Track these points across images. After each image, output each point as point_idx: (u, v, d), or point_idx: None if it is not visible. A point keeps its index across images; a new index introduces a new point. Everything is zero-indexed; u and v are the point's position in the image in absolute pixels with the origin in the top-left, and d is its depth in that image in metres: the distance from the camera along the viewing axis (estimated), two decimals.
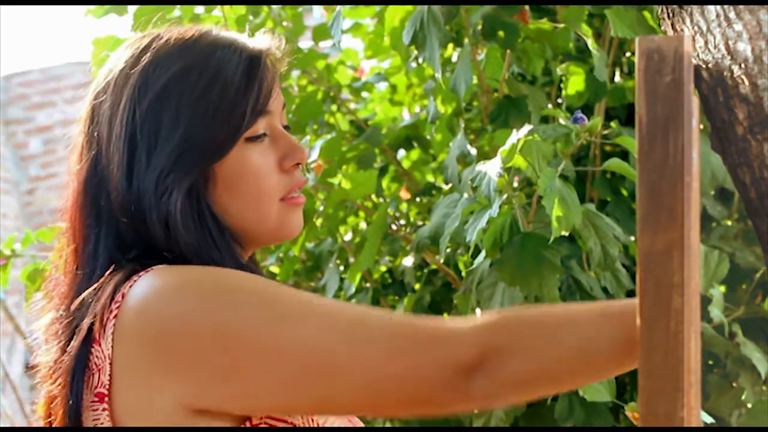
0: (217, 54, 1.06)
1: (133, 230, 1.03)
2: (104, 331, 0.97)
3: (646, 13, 1.71)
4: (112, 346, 0.96)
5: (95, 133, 1.07)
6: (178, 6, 2.04)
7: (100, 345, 0.97)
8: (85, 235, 1.07)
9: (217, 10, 2.02)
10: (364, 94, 2.38)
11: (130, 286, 0.98)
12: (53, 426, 1.02)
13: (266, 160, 1.07)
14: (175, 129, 1.03)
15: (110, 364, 0.96)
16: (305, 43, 2.25)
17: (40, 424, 1.05)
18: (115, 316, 0.97)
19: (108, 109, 1.06)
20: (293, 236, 1.12)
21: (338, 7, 1.87)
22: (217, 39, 1.08)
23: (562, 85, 1.84)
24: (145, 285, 0.97)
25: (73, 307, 1.02)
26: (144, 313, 0.96)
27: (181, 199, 1.02)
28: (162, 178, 1.02)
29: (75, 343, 0.99)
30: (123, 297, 0.97)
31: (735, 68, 0.97)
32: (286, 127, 1.12)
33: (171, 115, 1.03)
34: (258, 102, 1.07)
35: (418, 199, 2.13)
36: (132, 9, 2.03)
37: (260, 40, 1.11)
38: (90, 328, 0.98)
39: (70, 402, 0.98)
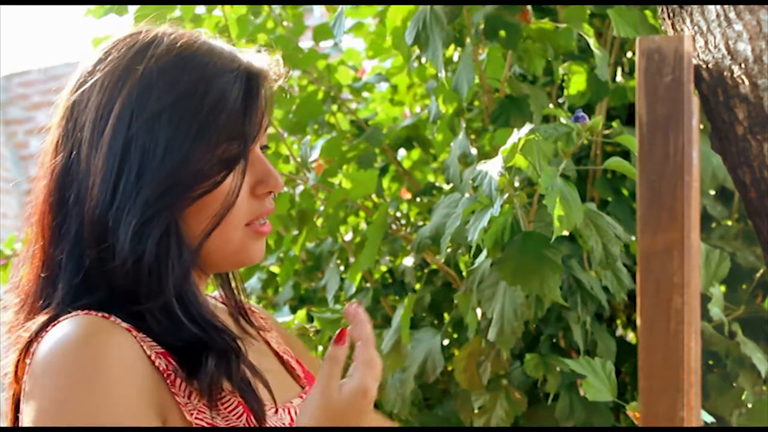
0: (220, 78, 1.03)
1: (95, 241, 1.01)
2: (26, 366, 0.99)
3: (648, 12, 1.71)
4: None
5: (75, 130, 1.04)
6: (179, 6, 2.04)
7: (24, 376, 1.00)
8: (51, 235, 1.05)
9: (218, 10, 2.02)
10: (365, 94, 2.38)
11: (46, 333, 0.99)
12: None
13: (236, 184, 1.04)
14: (171, 152, 1.00)
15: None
16: (306, 43, 2.25)
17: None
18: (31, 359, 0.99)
19: (94, 109, 1.03)
20: (252, 263, 1.10)
21: (340, 7, 1.87)
22: (219, 56, 1.05)
23: (564, 85, 1.84)
24: (47, 345, 0.97)
25: (23, 323, 1.03)
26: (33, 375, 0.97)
27: (160, 233, 1.00)
28: (150, 203, 0.99)
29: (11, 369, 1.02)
30: (38, 343, 0.99)
31: (735, 68, 0.98)
32: (263, 147, 1.10)
33: (169, 136, 1.00)
34: (253, 130, 1.05)
35: (418, 199, 2.13)
36: (132, 9, 2.04)
37: (259, 61, 1.09)
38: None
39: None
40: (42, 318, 1.01)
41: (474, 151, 1.87)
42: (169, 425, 0.98)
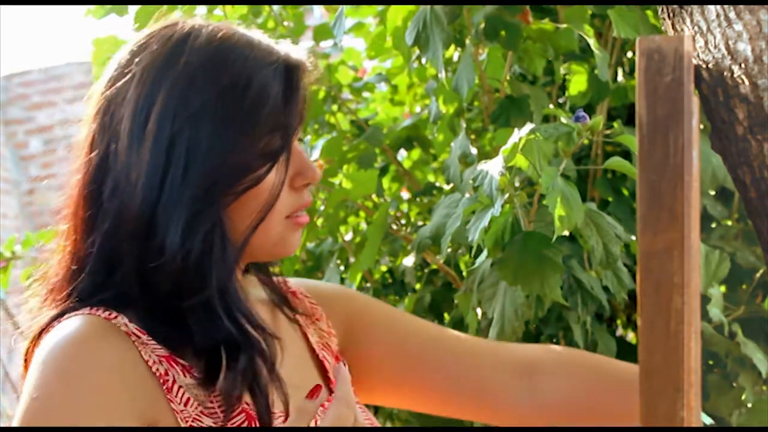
0: (261, 71, 1.02)
1: (137, 237, 1.00)
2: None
3: (649, 12, 1.71)
4: None
5: (112, 124, 1.02)
6: (179, 6, 2.04)
7: None
8: (83, 228, 1.05)
9: (218, 10, 2.02)
10: (365, 94, 2.38)
11: (53, 327, 1.00)
12: None
13: (280, 178, 1.04)
14: (216, 147, 0.99)
15: None
16: (306, 43, 2.25)
17: None
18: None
19: (133, 102, 1.01)
20: (289, 254, 1.10)
21: (341, 7, 1.87)
22: (258, 49, 1.04)
23: (566, 84, 1.84)
24: (45, 342, 0.99)
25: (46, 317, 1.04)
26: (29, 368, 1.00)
27: (207, 229, 0.99)
28: (197, 199, 0.99)
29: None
30: (45, 335, 1.00)
31: (735, 68, 0.98)
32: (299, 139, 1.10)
33: (213, 131, 1.00)
34: (294, 122, 1.04)
35: (418, 199, 2.13)
36: (132, 9, 2.03)
37: (296, 52, 1.08)
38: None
39: None
40: (53, 312, 1.02)
41: (474, 151, 1.87)
42: None
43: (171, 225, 0.98)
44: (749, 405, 1.71)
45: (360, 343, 1.26)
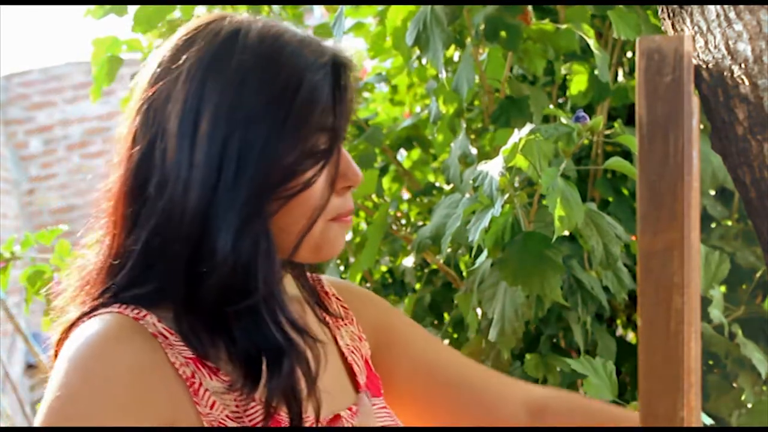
0: (312, 71, 1.00)
1: (187, 238, 0.98)
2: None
3: (649, 12, 1.71)
4: None
5: (157, 120, 1.00)
6: (179, 6, 2.04)
7: None
8: (125, 224, 1.02)
9: (218, 10, 2.02)
10: (366, 94, 2.38)
11: (82, 323, 0.99)
12: None
13: (328, 180, 1.02)
14: (267, 149, 0.97)
15: None
16: None
17: None
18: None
19: (181, 99, 0.98)
20: (333, 256, 1.07)
21: (340, 7, 1.87)
22: (308, 48, 1.02)
23: (566, 84, 1.84)
24: (72, 339, 0.97)
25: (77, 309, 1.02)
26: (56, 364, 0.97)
27: (258, 233, 0.98)
28: (249, 202, 0.97)
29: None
30: (74, 330, 0.98)
31: (735, 68, 0.98)
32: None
33: (265, 133, 0.97)
34: (343, 124, 1.03)
35: (418, 199, 2.13)
36: (132, 9, 2.04)
37: (343, 51, 1.05)
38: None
39: None
40: (84, 307, 1.01)
41: (474, 151, 1.87)
42: None
43: (222, 228, 0.96)
44: (749, 405, 1.71)
45: (388, 354, 1.24)
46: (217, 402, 0.98)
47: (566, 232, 1.37)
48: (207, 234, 0.97)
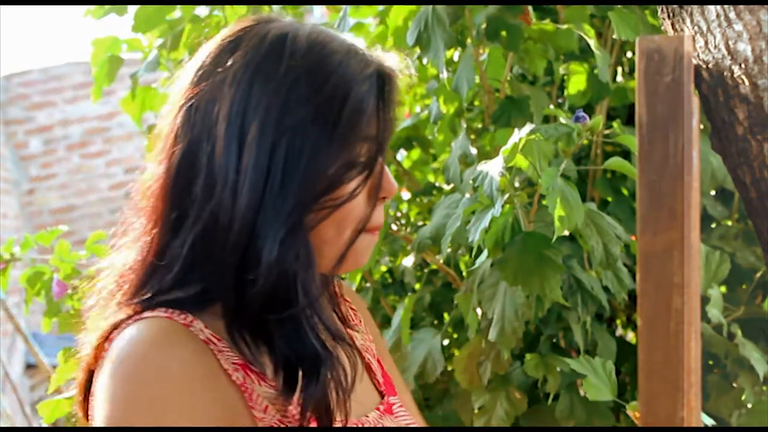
0: (359, 81, 0.99)
1: (234, 244, 0.97)
2: (103, 352, 0.98)
3: (647, 12, 1.71)
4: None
5: (203, 121, 0.98)
6: (179, 6, 2.04)
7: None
8: (168, 225, 1.00)
9: (218, 10, 2.02)
10: None
11: (127, 325, 0.97)
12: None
13: (368, 190, 1.02)
14: (314, 159, 0.96)
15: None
16: None
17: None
18: (104, 356, 0.97)
19: (228, 103, 0.97)
20: (360, 267, 1.06)
21: (344, 7, 1.87)
22: (355, 56, 1.01)
23: (565, 84, 1.84)
24: (122, 343, 0.95)
25: (115, 308, 1.01)
26: (104, 370, 0.95)
27: (301, 242, 0.97)
28: (294, 211, 0.96)
29: (87, 360, 1.00)
30: (119, 333, 0.97)
31: (735, 68, 0.98)
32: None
33: (312, 143, 0.96)
34: (386, 136, 1.02)
35: (418, 199, 2.13)
36: (132, 9, 2.04)
37: (389, 60, 1.05)
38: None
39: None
40: (127, 310, 0.99)
41: (474, 151, 1.87)
42: None
43: (269, 237, 0.96)
44: (749, 405, 1.71)
45: None
46: (269, 406, 0.98)
47: (566, 232, 1.37)
48: (253, 241, 0.96)
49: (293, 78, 0.97)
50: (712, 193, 1.93)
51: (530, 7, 1.74)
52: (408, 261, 2.00)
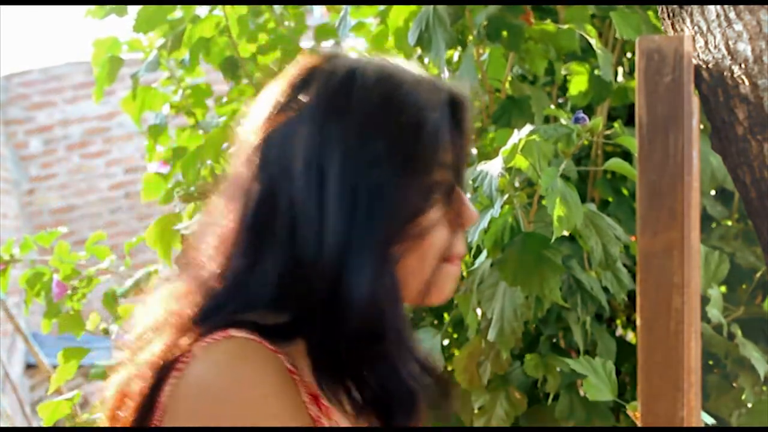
0: (432, 111, 0.98)
1: (322, 278, 0.95)
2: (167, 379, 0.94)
3: (650, 13, 1.71)
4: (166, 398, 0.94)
5: (280, 159, 0.98)
6: (179, 6, 2.05)
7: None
8: (244, 257, 0.99)
9: (218, 10, 2.02)
10: None
11: (203, 345, 0.93)
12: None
13: (440, 218, 1.00)
14: (395, 192, 0.96)
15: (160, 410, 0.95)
16: (306, 43, 2.26)
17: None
18: (180, 370, 0.93)
19: (304, 140, 0.97)
20: (441, 301, 1.05)
21: (345, 7, 1.88)
22: (425, 87, 1.01)
23: (567, 85, 1.84)
24: (211, 363, 0.92)
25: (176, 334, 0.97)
26: (188, 397, 0.92)
27: (390, 275, 0.96)
28: (381, 244, 0.95)
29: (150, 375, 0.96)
30: (190, 355, 0.93)
31: (735, 68, 0.98)
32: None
33: (393, 176, 0.96)
34: (463, 163, 1.02)
35: None
36: (132, 10, 2.04)
37: (458, 89, 1.04)
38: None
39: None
40: (201, 329, 0.96)
41: (474, 151, 1.87)
42: None
43: (358, 272, 0.95)
44: (749, 405, 1.72)
45: None
46: None
47: (566, 233, 1.37)
48: (341, 277, 0.95)
49: (367, 111, 0.98)
50: (712, 193, 1.93)
51: (531, 7, 1.74)
52: None
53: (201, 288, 0.99)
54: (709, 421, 1.35)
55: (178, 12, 2.06)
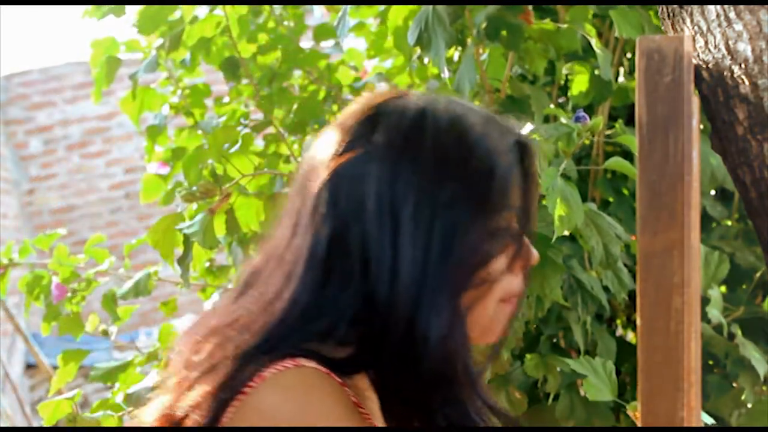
0: (502, 154, 0.98)
1: (396, 319, 0.95)
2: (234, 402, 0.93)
3: (651, 13, 1.71)
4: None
5: (350, 199, 0.97)
6: (179, 6, 2.04)
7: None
8: (315, 294, 0.98)
9: (219, 10, 2.02)
10: (366, 93, 2.38)
11: (273, 372, 0.93)
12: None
13: (501, 259, 1.00)
14: (468, 235, 0.96)
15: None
16: (306, 43, 2.26)
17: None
18: (245, 394, 0.92)
19: (375, 182, 0.96)
20: (495, 338, 1.04)
21: (344, 7, 1.88)
22: (494, 129, 1.00)
23: (567, 84, 1.84)
24: (274, 398, 0.92)
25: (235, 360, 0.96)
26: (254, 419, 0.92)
27: (461, 317, 0.96)
28: (454, 287, 0.95)
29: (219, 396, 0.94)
30: (260, 380, 0.92)
31: (735, 68, 0.98)
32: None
33: (466, 218, 0.96)
34: (532, 207, 1.02)
35: None
36: (130, 10, 2.03)
37: (523, 130, 1.05)
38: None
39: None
40: (268, 357, 0.95)
41: None
42: None
43: (435, 313, 0.95)
44: (749, 405, 1.72)
45: None
46: None
47: (566, 232, 1.37)
48: (416, 319, 0.95)
49: (439, 154, 0.97)
50: (712, 193, 1.93)
51: (531, 7, 1.74)
52: None
53: (265, 319, 0.98)
54: (709, 421, 1.35)
55: (177, 12, 2.06)
